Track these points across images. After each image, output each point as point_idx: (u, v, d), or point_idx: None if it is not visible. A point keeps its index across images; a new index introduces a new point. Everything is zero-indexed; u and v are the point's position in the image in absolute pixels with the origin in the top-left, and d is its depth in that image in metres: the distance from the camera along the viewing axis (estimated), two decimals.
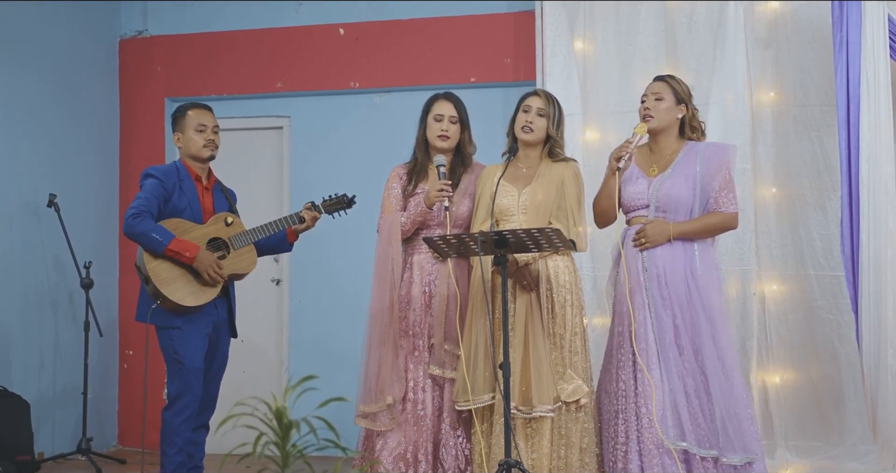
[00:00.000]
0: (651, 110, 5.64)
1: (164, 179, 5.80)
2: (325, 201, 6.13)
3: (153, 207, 5.70)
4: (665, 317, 5.48)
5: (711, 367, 5.43)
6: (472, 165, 6.01)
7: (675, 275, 5.51)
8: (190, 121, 5.92)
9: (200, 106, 6.01)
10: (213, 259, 5.75)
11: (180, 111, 5.98)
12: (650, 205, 5.61)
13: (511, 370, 5.39)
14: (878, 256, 6.36)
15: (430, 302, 5.84)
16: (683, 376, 5.43)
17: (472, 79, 8.11)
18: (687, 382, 5.43)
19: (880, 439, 6.42)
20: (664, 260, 5.53)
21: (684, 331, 5.47)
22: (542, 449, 5.54)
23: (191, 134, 5.91)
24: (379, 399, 5.75)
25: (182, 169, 5.92)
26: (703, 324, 5.46)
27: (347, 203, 6.15)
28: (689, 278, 5.51)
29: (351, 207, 6.17)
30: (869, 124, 6.42)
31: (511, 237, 5.27)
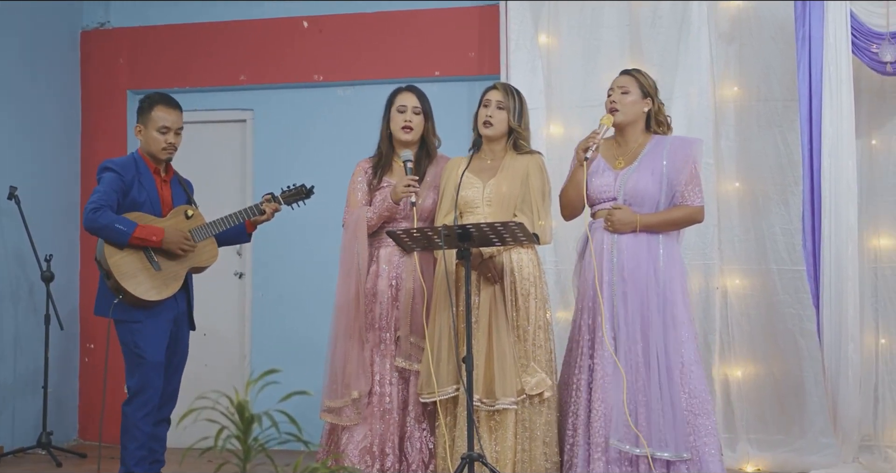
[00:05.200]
0: (617, 103, 5.66)
1: (123, 172, 5.74)
2: (284, 192, 6.12)
3: (112, 201, 5.65)
4: (626, 312, 5.50)
5: (659, 363, 5.45)
6: (437, 158, 6.01)
7: (639, 270, 5.52)
8: (155, 119, 5.82)
9: (169, 103, 5.89)
10: (181, 234, 5.72)
11: (148, 105, 5.86)
12: (617, 198, 5.62)
13: (475, 363, 5.40)
14: (839, 251, 6.39)
15: (396, 296, 5.84)
16: (633, 371, 5.43)
17: (437, 72, 8.10)
18: (646, 377, 5.44)
19: (840, 432, 6.46)
20: (629, 253, 5.55)
21: (644, 326, 5.48)
22: (505, 442, 5.55)
23: (153, 133, 5.83)
24: (344, 394, 5.75)
25: (140, 161, 5.85)
26: (663, 319, 5.48)
27: (306, 193, 6.14)
28: (652, 272, 5.52)
29: (310, 197, 6.15)
30: (831, 120, 6.44)
31: (475, 231, 5.27)
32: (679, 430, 5.38)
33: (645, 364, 5.43)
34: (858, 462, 6.50)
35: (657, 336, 5.46)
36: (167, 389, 5.87)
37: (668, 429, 5.38)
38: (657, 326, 5.46)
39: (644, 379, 5.42)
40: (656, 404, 5.39)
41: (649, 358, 5.44)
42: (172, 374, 5.92)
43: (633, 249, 5.56)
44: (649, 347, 5.45)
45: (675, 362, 5.46)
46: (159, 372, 5.74)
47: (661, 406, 5.38)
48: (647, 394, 5.40)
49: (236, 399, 2.48)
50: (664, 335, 5.46)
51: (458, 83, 8.02)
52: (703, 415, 5.47)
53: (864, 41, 6.50)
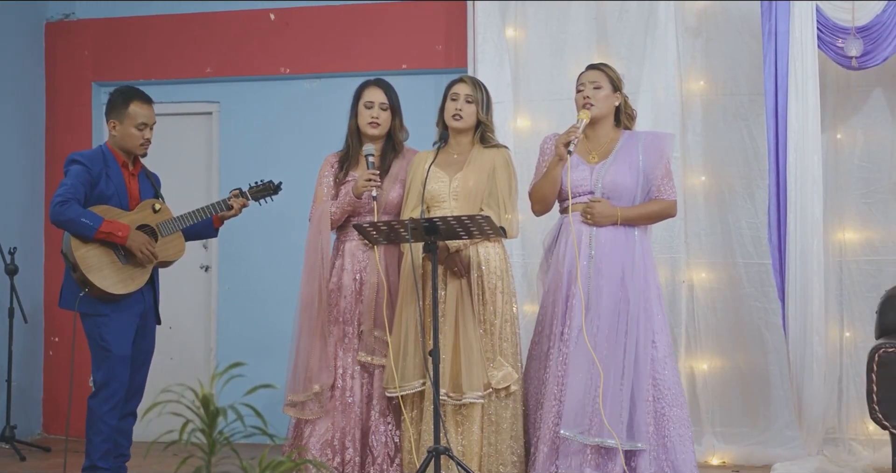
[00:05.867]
0: (591, 98, 5.67)
1: (90, 165, 5.72)
2: (251, 188, 6.12)
3: (79, 194, 5.63)
4: (600, 304, 5.51)
5: (640, 354, 5.47)
6: (404, 151, 6.01)
7: (616, 263, 5.56)
8: (133, 116, 5.80)
9: (144, 99, 5.88)
10: (146, 238, 5.70)
11: (123, 100, 5.84)
12: (594, 192, 5.64)
13: (441, 356, 5.41)
14: (804, 245, 6.42)
15: (360, 290, 5.84)
16: (616, 364, 5.45)
17: (404, 65, 8.09)
18: (621, 371, 5.45)
19: (805, 424, 6.50)
20: (608, 246, 5.57)
21: (616, 320, 5.50)
22: (472, 436, 5.56)
23: (131, 130, 5.81)
24: (307, 388, 5.75)
25: (108, 154, 5.82)
26: (638, 311, 5.51)
27: (274, 189, 6.14)
28: (629, 265, 5.56)
29: (277, 193, 6.16)
30: (797, 114, 6.47)
31: (441, 224, 5.28)
32: (638, 421, 5.40)
33: (613, 356, 5.44)
34: (823, 455, 6.54)
35: (631, 328, 5.48)
36: (133, 383, 5.85)
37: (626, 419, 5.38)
38: (632, 319, 5.49)
39: (617, 371, 5.43)
40: (619, 395, 5.40)
41: (625, 349, 5.45)
42: (139, 368, 5.90)
43: (611, 242, 5.58)
44: (625, 339, 5.47)
45: (644, 355, 5.49)
46: (125, 365, 5.72)
47: (629, 397, 5.40)
48: (617, 386, 5.41)
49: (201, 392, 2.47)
50: (637, 328, 5.49)
51: (426, 76, 8.01)
52: (677, 407, 5.52)
53: (829, 36, 6.53)
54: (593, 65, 5.89)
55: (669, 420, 5.49)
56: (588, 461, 5.38)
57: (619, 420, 5.36)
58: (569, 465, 5.41)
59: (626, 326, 5.48)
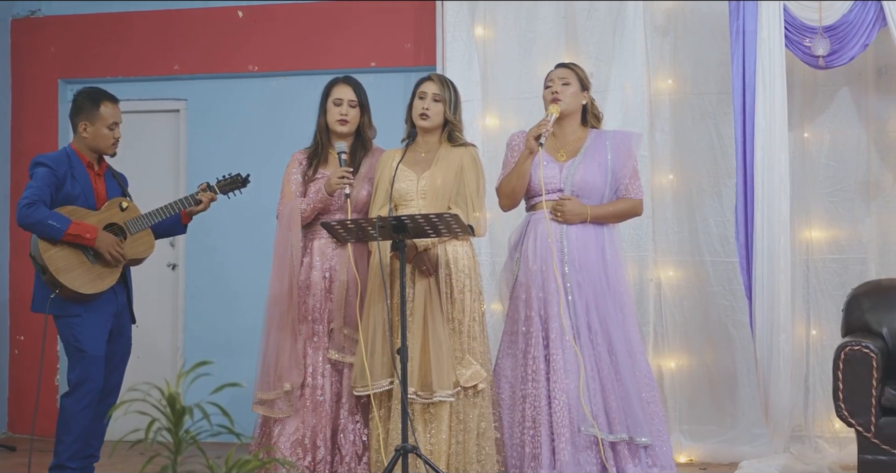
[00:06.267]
0: (560, 94, 5.71)
1: (55, 167, 5.72)
2: (219, 181, 6.13)
3: (46, 196, 5.62)
4: (581, 301, 5.56)
5: (621, 351, 5.53)
6: (373, 150, 6.01)
7: (589, 261, 5.62)
8: (104, 117, 5.83)
9: (112, 99, 5.92)
10: (114, 239, 5.70)
11: (92, 102, 5.84)
12: (564, 190, 5.68)
13: (410, 355, 5.42)
14: (771, 243, 6.45)
15: (330, 288, 5.83)
16: (596, 360, 5.51)
17: (373, 63, 8.07)
18: (600, 367, 5.51)
19: (772, 422, 6.53)
20: (579, 243, 5.62)
21: (597, 316, 5.57)
22: (440, 435, 5.56)
23: (103, 130, 5.84)
24: (277, 386, 5.73)
25: (73, 155, 5.83)
26: (614, 309, 5.58)
27: (242, 182, 6.14)
28: (601, 262, 5.62)
29: (245, 186, 6.16)
30: (764, 113, 6.49)
31: (409, 222, 5.29)
32: (642, 415, 5.50)
33: (608, 351, 5.54)
34: (789, 452, 6.57)
35: (616, 324, 5.57)
36: (108, 383, 5.84)
37: (640, 415, 5.48)
38: (614, 315, 5.58)
39: (609, 367, 5.48)
40: (627, 390, 5.49)
41: (612, 345, 5.55)
42: (115, 368, 5.89)
43: (582, 239, 5.65)
44: (611, 335, 5.55)
45: (626, 350, 5.58)
46: (100, 365, 5.72)
47: (632, 393, 5.50)
48: (615, 381, 5.47)
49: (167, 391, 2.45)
50: (617, 325, 5.59)
51: (394, 74, 8.01)
52: (654, 403, 5.63)
53: (797, 35, 6.56)
54: (562, 63, 5.95)
55: (651, 417, 5.59)
56: (601, 456, 5.43)
57: (632, 415, 5.47)
58: (578, 461, 5.46)
59: (606, 324, 5.56)
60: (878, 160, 7.00)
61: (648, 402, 5.58)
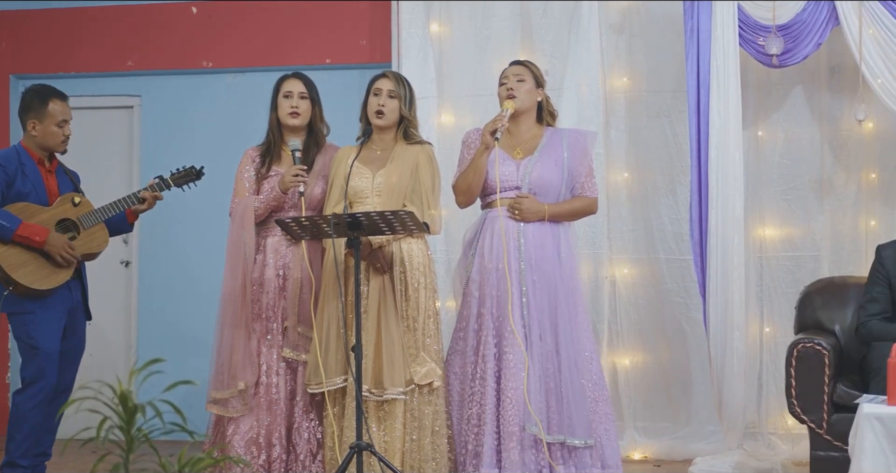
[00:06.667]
0: (515, 90, 5.72)
1: (6, 164, 5.70)
2: (173, 174, 6.09)
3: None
4: (536, 299, 5.57)
5: (568, 351, 5.53)
6: (326, 146, 5.99)
7: (546, 258, 5.63)
8: (53, 115, 5.80)
9: (61, 96, 5.88)
10: (65, 240, 5.66)
11: (40, 100, 5.81)
12: (521, 188, 5.69)
13: (364, 352, 5.41)
14: (725, 241, 6.48)
15: (283, 285, 5.81)
16: (545, 359, 5.51)
17: (328, 60, 8.05)
18: (545, 366, 5.51)
19: (725, 419, 6.56)
20: (535, 241, 5.63)
21: (548, 315, 5.57)
22: (394, 432, 5.56)
23: (52, 128, 5.81)
24: (231, 385, 5.72)
25: (23, 152, 5.81)
26: (567, 308, 5.59)
27: (196, 174, 6.11)
28: (557, 260, 5.64)
29: (200, 179, 6.13)
30: (718, 111, 6.52)
31: (364, 219, 5.28)
32: (585, 417, 5.51)
33: (555, 351, 5.53)
34: (743, 449, 6.60)
35: (565, 323, 5.57)
36: (62, 381, 5.80)
37: (577, 416, 5.49)
38: (564, 314, 5.58)
39: (555, 366, 5.49)
40: (567, 391, 5.48)
41: (559, 345, 5.54)
42: (68, 366, 5.86)
43: (539, 237, 5.65)
44: (559, 334, 5.54)
45: (580, 349, 5.57)
46: (53, 362, 5.69)
47: (571, 393, 5.49)
48: (558, 381, 5.48)
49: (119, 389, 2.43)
50: (570, 322, 5.58)
51: (350, 71, 7.98)
52: (603, 402, 5.63)
53: (751, 34, 6.59)
54: (518, 60, 5.97)
55: (597, 416, 5.57)
56: (544, 456, 5.44)
57: (571, 416, 5.46)
58: (522, 460, 5.45)
59: (557, 323, 5.57)
60: (830, 158, 7.05)
61: (597, 401, 5.58)
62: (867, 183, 6.99)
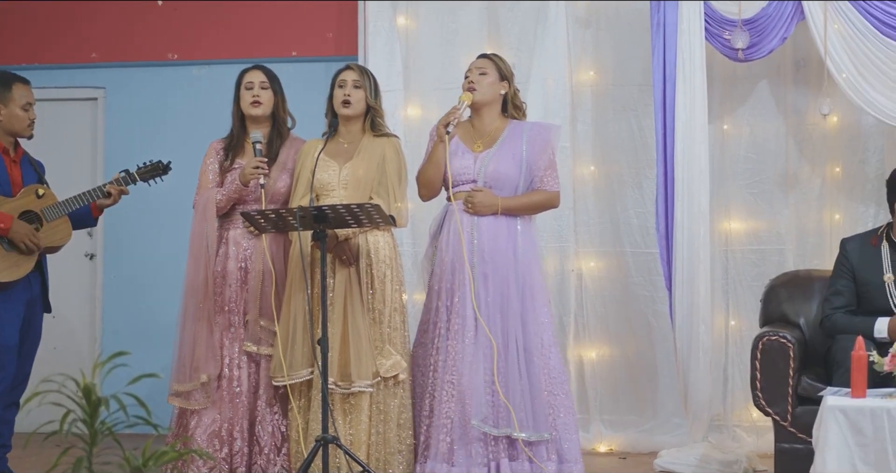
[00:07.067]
0: (476, 83, 5.72)
1: None
2: (139, 168, 6.04)
3: None
4: (487, 293, 5.57)
5: (524, 344, 5.54)
6: (291, 139, 5.99)
7: (499, 252, 5.62)
8: (17, 97, 5.76)
9: (23, 80, 5.84)
10: (29, 228, 5.62)
11: (4, 85, 5.77)
12: (477, 181, 5.69)
13: (330, 345, 5.41)
14: (691, 234, 6.50)
15: (245, 278, 5.82)
16: (499, 352, 5.49)
17: (294, 53, 8.03)
18: (504, 358, 5.51)
19: (691, 412, 6.58)
20: (489, 235, 5.63)
21: (500, 309, 5.56)
22: (360, 425, 5.57)
23: (17, 111, 5.76)
24: (193, 378, 5.72)
25: None
26: (522, 301, 5.59)
27: (163, 169, 6.07)
28: (511, 254, 5.64)
29: (167, 173, 6.09)
30: (684, 105, 6.54)
31: (330, 212, 5.29)
32: (539, 410, 5.50)
33: (504, 345, 5.51)
34: (708, 442, 6.62)
35: (516, 317, 5.57)
36: (19, 373, 5.76)
37: (527, 410, 5.47)
38: (516, 307, 5.58)
39: (503, 360, 5.49)
40: (515, 385, 5.46)
41: (508, 339, 5.53)
42: (25, 358, 5.82)
43: (493, 231, 5.65)
44: (508, 328, 5.53)
45: (535, 343, 5.58)
46: (12, 355, 5.65)
47: (520, 387, 5.47)
48: (506, 375, 5.47)
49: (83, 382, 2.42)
50: (523, 316, 5.59)
51: (316, 64, 7.96)
52: (562, 395, 5.61)
53: (717, 28, 6.61)
54: (484, 54, 5.98)
55: (555, 409, 5.57)
56: (497, 450, 5.48)
57: (521, 410, 5.45)
58: (470, 453, 5.47)
59: (511, 315, 5.56)
60: (796, 152, 7.08)
61: (555, 394, 5.58)
62: (832, 177, 7.02)
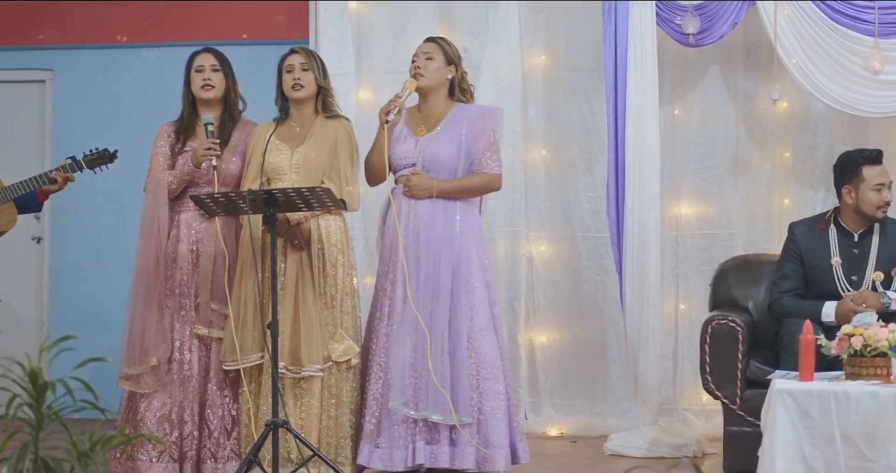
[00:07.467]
0: (421, 68, 5.72)
1: None
2: (86, 156, 6.01)
3: None
4: (419, 276, 5.60)
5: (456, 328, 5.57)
6: (243, 122, 5.96)
7: (434, 235, 5.63)
8: None
9: None
10: None
11: None
12: (417, 164, 5.70)
13: (280, 329, 5.41)
14: (642, 219, 6.53)
15: (197, 261, 5.78)
16: (418, 336, 5.52)
17: (244, 35, 7.99)
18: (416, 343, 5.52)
19: (641, 396, 6.62)
20: (426, 218, 5.65)
21: (434, 291, 5.59)
22: (311, 409, 5.56)
23: None
24: (143, 361, 5.68)
25: None
26: (456, 284, 5.61)
27: (109, 157, 6.04)
28: (447, 238, 5.65)
29: (113, 161, 6.06)
30: (635, 90, 6.56)
31: (280, 196, 5.29)
32: (462, 394, 5.50)
33: (430, 328, 5.52)
34: (658, 425, 6.67)
35: (445, 301, 5.58)
36: None
37: (449, 393, 5.48)
38: (446, 291, 5.59)
39: (426, 344, 5.50)
40: (437, 368, 5.47)
41: (434, 322, 5.55)
42: None
43: (429, 215, 5.66)
44: (436, 312, 5.57)
45: (463, 327, 5.58)
46: None
47: (441, 371, 5.49)
48: (431, 359, 5.49)
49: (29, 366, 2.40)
50: (454, 300, 5.59)
51: (267, 47, 7.90)
52: (492, 380, 5.59)
53: (668, 13, 6.64)
54: (430, 37, 5.97)
55: (483, 394, 5.57)
56: (415, 432, 5.50)
57: (443, 394, 5.46)
58: (393, 436, 5.50)
59: (440, 299, 5.58)
60: (746, 137, 7.13)
61: (485, 380, 5.56)
62: (781, 161, 7.07)
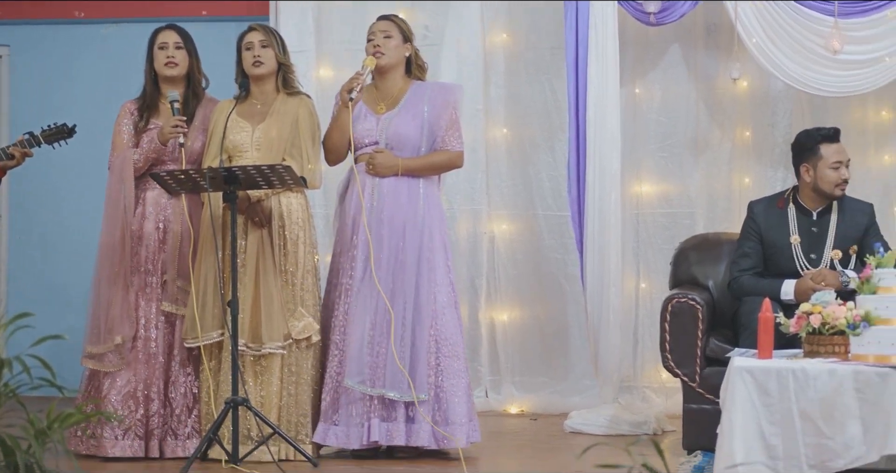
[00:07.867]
0: (381, 47, 5.73)
1: None
2: (44, 131, 5.96)
3: None
4: (381, 254, 5.62)
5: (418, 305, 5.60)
6: (206, 99, 5.96)
7: (399, 213, 5.67)
8: None
9: None
10: None
11: None
12: (379, 142, 5.73)
13: (241, 307, 5.44)
14: (602, 198, 6.54)
15: (164, 239, 5.79)
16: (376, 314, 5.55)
17: (204, 12, 7.93)
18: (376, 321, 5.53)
19: (601, 374, 6.64)
20: (390, 196, 5.67)
21: (397, 269, 5.61)
22: (271, 387, 5.57)
23: None
24: (107, 340, 5.68)
25: None
26: (419, 263, 5.64)
27: (68, 132, 5.99)
28: (412, 216, 5.69)
29: (72, 137, 6.02)
30: (596, 69, 6.56)
31: (241, 173, 5.30)
32: (419, 372, 5.55)
33: (392, 305, 5.53)
34: (618, 403, 6.69)
35: (410, 278, 5.61)
36: None
37: (408, 370, 5.50)
38: (411, 269, 5.63)
39: (386, 322, 5.52)
40: (397, 345, 5.48)
41: (395, 300, 5.57)
42: None
43: (394, 193, 5.69)
44: (398, 289, 5.60)
45: (426, 305, 5.62)
46: None
47: (400, 348, 5.50)
48: (389, 336, 5.50)
49: None
50: (417, 278, 5.63)
51: (227, 23, 7.85)
52: (453, 357, 5.66)
53: None
54: (384, 15, 5.98)
55: (444, 372, 5.63)
56: (371, 409, 5.53)
57: (400, 371, 5.48)
58: (350, 413, 5.53)
59: (404, 277, 5.61)
60: (706, 116, 7.14)
61: (445, 357, 5.62)
62: (741, 141, 7.10)
